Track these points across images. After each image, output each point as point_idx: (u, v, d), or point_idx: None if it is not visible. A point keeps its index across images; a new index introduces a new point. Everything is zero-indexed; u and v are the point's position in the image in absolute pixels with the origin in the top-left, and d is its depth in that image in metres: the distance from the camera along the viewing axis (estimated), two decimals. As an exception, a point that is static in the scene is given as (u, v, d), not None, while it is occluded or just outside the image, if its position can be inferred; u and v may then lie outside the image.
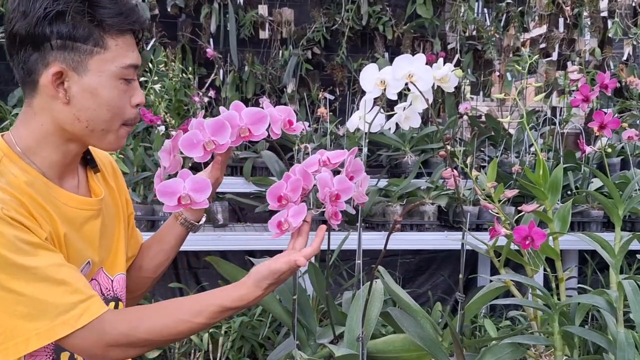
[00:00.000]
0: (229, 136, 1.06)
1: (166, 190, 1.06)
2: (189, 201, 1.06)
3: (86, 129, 1.08)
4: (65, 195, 1.11)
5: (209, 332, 2.50)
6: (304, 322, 1.27)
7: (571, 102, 1.27)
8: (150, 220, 2.59)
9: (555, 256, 1.22)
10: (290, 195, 1.06)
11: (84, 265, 1.13)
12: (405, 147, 3.14)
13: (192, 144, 1.05)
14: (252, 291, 1.06)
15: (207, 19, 3.56)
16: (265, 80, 3.64)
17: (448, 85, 1.22)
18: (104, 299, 1.19)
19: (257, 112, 1.08)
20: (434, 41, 3.78)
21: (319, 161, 1.09)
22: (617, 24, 3.74)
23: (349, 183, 1.07)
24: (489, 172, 1.28)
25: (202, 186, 1.07)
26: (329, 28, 3.69)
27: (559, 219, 1.27)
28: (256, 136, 1.08)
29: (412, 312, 1.37)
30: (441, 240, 2.79)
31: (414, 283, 3.37)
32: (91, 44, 1.05)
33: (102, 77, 1.06)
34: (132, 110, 1.12)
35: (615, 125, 1.26)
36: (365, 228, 2.88)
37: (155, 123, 2.66)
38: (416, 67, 1.21)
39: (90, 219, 1.15)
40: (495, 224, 1.16)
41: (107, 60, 1.06)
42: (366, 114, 1.21)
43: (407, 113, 1.24)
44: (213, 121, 1.06)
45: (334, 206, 1.06)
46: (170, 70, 3.23)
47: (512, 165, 2.87)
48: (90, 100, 1.07)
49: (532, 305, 1.24)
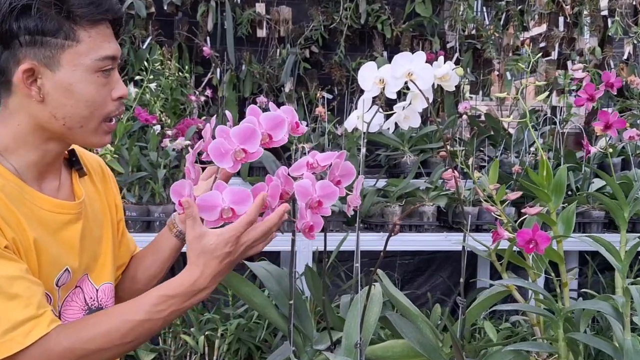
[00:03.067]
0: (259, 143, 0.98)
1: (206, 204, 0.97)
2: (231, 214, 0.98)
3: (64, 126, 1.04)
4: (41, 198, 1.07)
5: (204, 334, 2.47)
6: (301, 328, 1.23)
7: (575, 102, 1.24)
8: (146, 221, 2.55)
9: (559, 260, 1.19)
10: (269, 200, 1.00)
11: (61, 273, 1.08)
12: (404, 147, 3.11)
13: (221, 153, 0.97)
14: (190, 273, 0.98)
15: (204, 17, 3.53)
16: (263, 80, 3.60)
17: (449, 84, 1.19)
18: (88, 309, 1.14)
19: (275, 116, 1.01)
20: (433, 40, 3.75)
21: (307, 163, 1.03)
22: (617, 22, 3.70)
23: (332, 188, 1.01)
24: (490, 173, 1.25)
25: (242, 197, 0.98)
26: (327, 27, 3.65)
27: (563, 221, 1.23)
28: (276, 142, 1.01)
29: (411, 316, 1.33)
30: (440, 241, 2.75)
31: (412, 284, 3.34)
32: (62, 38, 1.00)
33: (76, 71, 1.02)
34: (114, 104, 1.07)
35: (620, 125, 1.22)
36: (363, 229, 2.84)
37: (151, 122, 2.62)
38: (416, 65, 1.17)
39: (69, 223, 1.10)
40: (498, 227, 1.13)
41: (81, 53, 1.02)
42: (364, 114, 1.18)
43: (406, 112, 1.20)
44: (241, 129, 0.97)
45: (316, 213, 1.00)
46: (166, 69, 3.20)
47: (512, 165, 2.84)
48: (65, 97, 1.02)
49: (535, 311, 1.21)
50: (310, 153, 1.06)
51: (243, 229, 0.98)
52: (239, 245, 0.98)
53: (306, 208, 0.99)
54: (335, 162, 1.04)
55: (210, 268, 0.98)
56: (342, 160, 1.05)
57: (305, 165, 1.04)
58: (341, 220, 2.72)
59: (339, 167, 1.05)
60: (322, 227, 1.01)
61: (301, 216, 0.99)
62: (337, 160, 1.04)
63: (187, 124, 2.81)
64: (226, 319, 2.58)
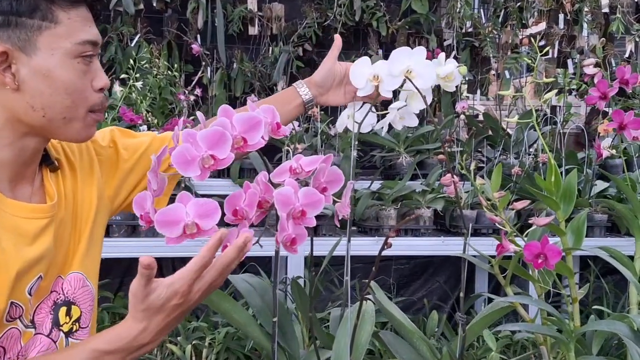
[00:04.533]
0: (230, 148, 0.86)
1: (166, 219, 0.84)
2: (196, 230, 0.85)
3: (43, 118, 0.93)
4: (13, 205, 0.96)
5: (192, 343, 2.37)
6: (286, 347, 1.13)
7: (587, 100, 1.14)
8: (131, 225, 2.45)
9: (568, 273, 1.09)
10: (246, 210, 0.89)
11: (34, 280, 0.97)
12: (399, 148, 3.01)
13: (187, 160, 0.84)
14: (129, 325, 0.86)
15: (194, 14, 3.43)
16: (255, 78, 3.51)
17: (451, 85, 1.08)
18: (54, 305, 1.02)
19: (250, 117, 0.89)
20: (429, 38, 3.65)
21: (290, 168, 0.92)
22: (618, 20, 3.61)
23: (317, 196, 0.90)
24: (493, 179, 1.15)
25: (208, 210, 0.85)
26: (321, 24, 3.55)
27: (573, 231, 1.13)
28: (252, 146, 0.88)
29: (407, 332, 1.23)
30: (437, 245, 2.67)
31: (408, 289, 3.24)
32: (39, 18, 0.90)
33: (55, 55, 0.91)
34: (97, 96, 0.97)
35: (637, 125, 1.12)
36: (357, 232, 2.75)
37: (136, 123, 2.52)
38: (416, 61, 1.06)
39: (46, 227, 0.99)
40: (503, 239, 1.03)
41: (60, 35, 0.91)
42: (355, 113, 1.07)
43: (401, 113, 1.10)
44: (209, 132, 0.85)
45: (299, 224, 0.89)
46: (155, 67, 3.10)
47: (512, 166, 2.74)
48: (43, 84, 0.91)
49: (544, 332, 1.10)
50: (294, 157, 0.96)
51: (195, 276, 0.85)
52: (192, 294, 0.86)
53: (288, 219, 0.89)
54: (320, 166, 0.93)
55: (155, 323, 0.86)
56: (328, 164, 0.95)
57: (288, 170, 0.93)
58: (334, 223, 2.62)
59: (325, 173, 0.95)
60: (305, 239, 0.91)
61: (282, 228, 0.89)
62: (322, 164, 0.93)
63: (175, 124, 2.71)
64: (214, 327, 2.49)
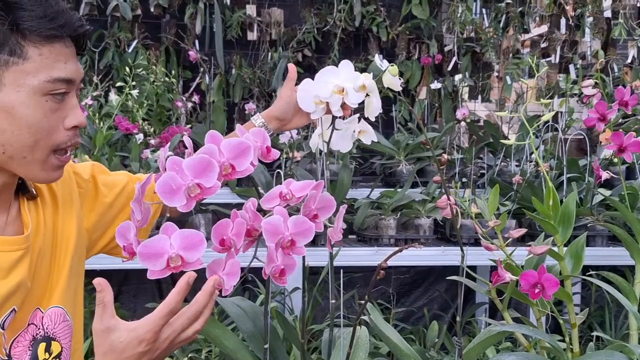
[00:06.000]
0: (217, 177, 0.83)
1: (149, 251, 0.82)
2: (180, 263, 0.82)
3: (4, 155, 0.91)
4: None
5: (188, 356, 2.34)
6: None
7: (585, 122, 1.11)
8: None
9: (567, 299, 1.06)
10: (234, 239, 0.86)
11: (8, 314, 0.95)
12: (399, 156, 2.98)
13: (172, 189, 0.81)
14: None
15: (192, 20, 3.40)
16: (254, 84, 3.48)
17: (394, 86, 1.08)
18: (33, 340, 1.00)
19: (239, 143, 0.86)
20: (430, 43, 3.62)
21: (280, 194, 0.89)
22: (621, 25, 3.58)
23: (307, 224, 0.87)
24: (490, 199, 1.12)
25: (194, 242, 0.83)
26: (321, 29, 3.53)
27: (572, 255, 1.10)
28: (240, 172, 0.86)
29: (404, 357, 1.20)
30: (438, 255, 2.63)
31: (408, 298, 3.21)
32: (6, 53, 0.87)
33: (20, 92, 0.88)
34: (66, 134, 0.94)
35: (636, 148, 1.09)
36: (357, 242, 2.73)
37: (132, 132, 2.49)
38: (344, 78, 1.06)
39: (20, 259, 0.97)
40: (499, 268, 1.00)
41: (27, 72, 0.88)
42: (324, 132, 1.05)
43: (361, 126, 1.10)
44: (196, 160, 0.83)
45: (288, 254, 0.86)
46: (152, 74, 3.07)
47: (513, 175, 2.71)
48: (6, 121, 0.89)
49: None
50: (285, 182, 0.93)
51: (163, 322, 0.83)
52: (161, 341, 0.83)
53: (277, 249, 0.86)
54: (311, 193, 0.90)
55: None
56: (319, 191, 0.92)
57: (278, 196, 0.90)
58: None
59: (316, 200, 0.92)
60: (295, 269, 0.88)
61: (270, 259, 0.86)
62: (313, 191, 0.90)
63: (172, 132, 2.68)
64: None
